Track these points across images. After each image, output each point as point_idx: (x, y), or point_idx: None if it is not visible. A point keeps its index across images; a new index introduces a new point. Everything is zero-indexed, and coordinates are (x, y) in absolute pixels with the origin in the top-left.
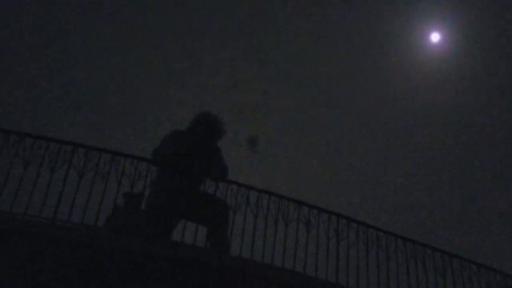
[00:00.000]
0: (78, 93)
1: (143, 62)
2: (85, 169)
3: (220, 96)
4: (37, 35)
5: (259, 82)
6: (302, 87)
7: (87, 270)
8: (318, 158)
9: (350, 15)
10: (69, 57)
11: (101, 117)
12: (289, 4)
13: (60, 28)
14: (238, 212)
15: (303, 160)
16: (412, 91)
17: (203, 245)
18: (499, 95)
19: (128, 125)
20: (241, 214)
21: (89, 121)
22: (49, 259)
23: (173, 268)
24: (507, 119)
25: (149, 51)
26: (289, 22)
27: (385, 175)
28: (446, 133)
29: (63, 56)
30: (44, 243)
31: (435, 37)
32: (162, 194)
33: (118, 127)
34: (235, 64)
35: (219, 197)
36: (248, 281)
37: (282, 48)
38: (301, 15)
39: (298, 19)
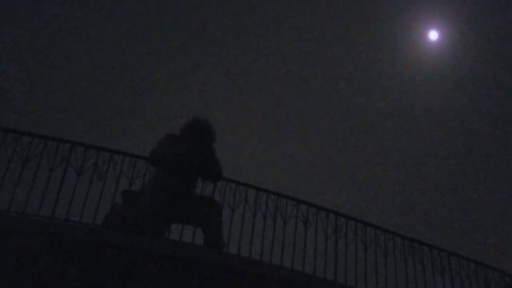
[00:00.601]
0: (76, 91)
1: (142, 61)
2: (84, 167)
3: (219, 96)
4: (36, 34)
5: (259, 82)
6: (301, 85)
7: (86, 268)
8: (316, 156)
9: (349, 14)
10: (68, 55)
11: (99, 116)
12: (289, 4)
13: (60, 27)
14: (237, 210)
15: (302, 159)
16: (411, 89)
17: (202, 244)
18: (498, 92)
19: (127, 123)
20: (239, 212)
21: (87, 119)
22: (48, 258)
23: (172, 266)
24: (506, 117)
25: (148, 51)
26: (289, 22)
27: (384, 174)
28: (444, 131)
29: (62, 55)
30: (42, 242)
31: (433, 35)
32: (161, 194)
33: (116, 125)
34: (235, 64)
35: (212, 198)
36: (247, 279)
37: (281, 47)
38: (301, 14)
39: (298, 19)
